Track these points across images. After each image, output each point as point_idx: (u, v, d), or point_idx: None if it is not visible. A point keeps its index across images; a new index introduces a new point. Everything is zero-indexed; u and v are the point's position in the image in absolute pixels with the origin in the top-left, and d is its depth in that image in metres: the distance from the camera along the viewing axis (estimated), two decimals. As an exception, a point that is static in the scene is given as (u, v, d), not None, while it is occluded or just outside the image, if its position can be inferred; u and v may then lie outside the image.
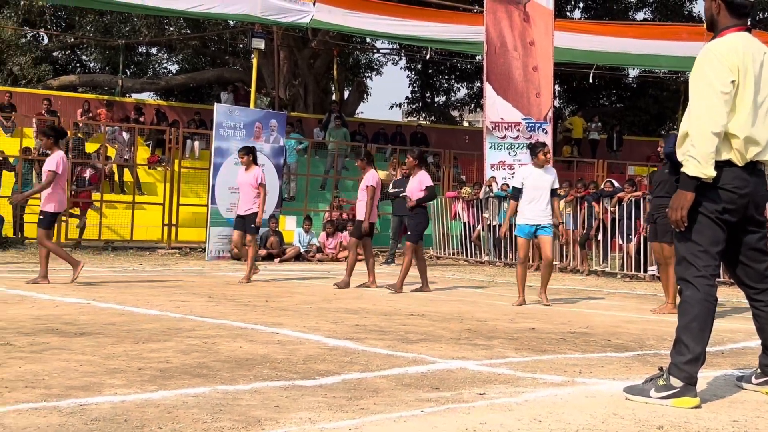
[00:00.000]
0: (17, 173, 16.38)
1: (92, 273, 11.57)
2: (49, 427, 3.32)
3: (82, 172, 17.42)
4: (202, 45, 30.44)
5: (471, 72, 33.55)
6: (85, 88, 27.99)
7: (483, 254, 17.16)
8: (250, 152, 11.44)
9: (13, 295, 8.30)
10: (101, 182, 17.72)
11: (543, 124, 17.94)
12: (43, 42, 30.31)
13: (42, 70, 27.04)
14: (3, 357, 4.86)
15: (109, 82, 28.12)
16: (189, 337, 5.85)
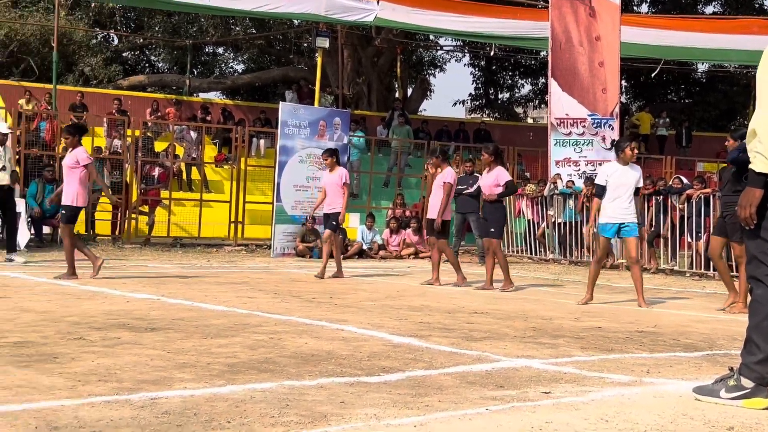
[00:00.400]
0: (89, 172, 16.76)
1: (161, 269, 11.81)
2: (122, 420, 3.40)
3: (151, 170, 17.77)
4: (267, 44, 30.78)
5: (535, 68, 33.27)
6: (153, 87, 28.55)
7: (547, 252, 17.01)
8: (334, 154, 11.71)
9: (85, 291, 8.52)
10: (170, 180, 18.05)
11: (609, 120, 17.71)
12: (113, 43, 31.00)
13: (112, 71, 27.67)
14: (76, 351, 4.99)
15: (177, 81, 28.63)
16: (256, 333, 5.93)
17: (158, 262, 13.27)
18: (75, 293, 8.28)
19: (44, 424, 3.28)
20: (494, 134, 26.12)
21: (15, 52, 26.50)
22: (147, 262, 13.16)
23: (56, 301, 7.50)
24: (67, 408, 3.56)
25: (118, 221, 17.27)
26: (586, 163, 17.70)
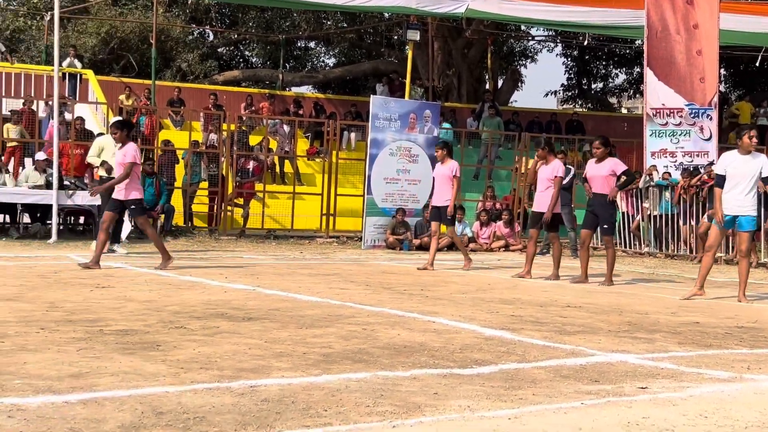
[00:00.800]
0: (186, 165, 17.23)
1: (256, 260, 12.06)
2: (223, 407, 3.51)
3: (246, 163, 18.13)
4: (358, 38, 31.00)
5: (630, 57, 32.58)
6: (247, 82, 29.12)
7: (642, 245, 16.68)
8: (446, 146, 11.85)
9: (184, 281, 8.78)
10: (264, 173, 18.38)
11: (707, 110, 17.22)
12: (208, 39, 31.71)
13: (208, 66, 28.34)
14: (178, 339, 5.16)
15: (270, 76, 29.12)
16: (349, 324, 6.02)
17: (253, 253, 13.55)
18: (175, 283, 8.54)
19: (150, 410, 3.42)
20: (587, 125, 25.71)
21: (115, 49, 27.40)
22: (242, 253, 13.45)
23: (157, 291, 7.75)
24: (171, 394, 3.70)
25: (215, 213, 17.68)
26: (683, 154, 17.26)
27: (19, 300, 6.81)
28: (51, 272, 9.26)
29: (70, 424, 3.14)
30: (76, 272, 9.37)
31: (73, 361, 4.35)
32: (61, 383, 3.82)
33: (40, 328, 5.41)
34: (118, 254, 11.92)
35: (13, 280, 8.26)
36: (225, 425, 3.22)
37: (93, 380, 3.92)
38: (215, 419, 3.30)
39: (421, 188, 16.59)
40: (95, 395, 3.62)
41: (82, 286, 7.94)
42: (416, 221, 16.37)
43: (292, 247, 15.30)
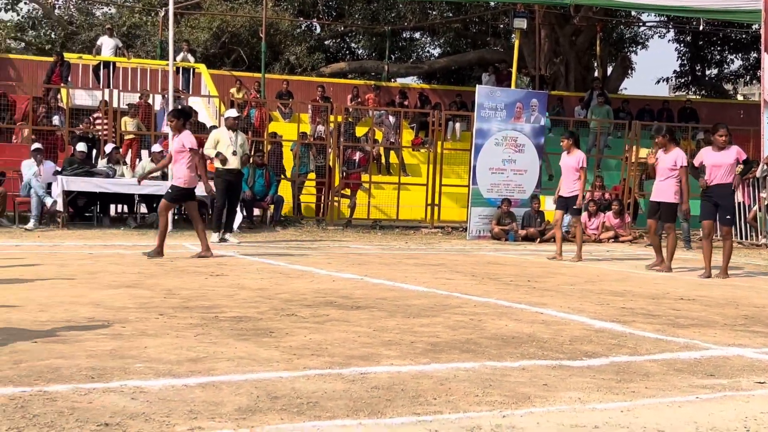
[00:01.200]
0: (295, 155, 17.54)
1: (362, 250, 12.20)
2: (335, 393, 3.59)
3: (352, 154, 18.32)
4: (463, 27, 30.86)
5: (746, 42, 31.34)
6: (354, 74, 29.37)
7: (759, 236, 16.07)
8: (572, 136, 11.82)
9: (293, 270, 8.97)
10: (369, 164, 18.55)
11: (830, 96, 16.43)
12: (316, 31, 32.13)
13: (315, 59, 28.70)
14: (290, 326, 5.29)
15: (376, 67, 29.29)
16: (456, 314, 6.04)
17: (359, 243, 13.71)
18: (285, 272, 8.73)
19: (264, 394, 3.52)
20: (701, 113, 24.91)
21: (226, 44, 28.06)
22: (349, 243, 13.63)
23: (268, 280, 7.94)
24: (285, 380, 3.80)
25: (322, 203, 17.95)
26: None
27: (139, 287, 7.10)
28: (167, 260, 9.60)
29: (189, 407, 3.27)
30: (191, 260, 9.68)
31: (191, 346, 4.51)
32: (180, 367, 3.98)
33: (159, 314, 5.62)
34: (230, 243, 12.24)
35: (132, 268, 8.60)
36: (337, 410, 3.29)
37: (210, 365, 4.06)
38: (328, 404, 3.38)
39: (527, 178, 16.42)
40: (213, 379, 3.75)
41: (198, 274, 8.21)
42: (523, 212, 16.22)
43: (397, 238, 15.40)
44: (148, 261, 9.40)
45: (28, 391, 3.40)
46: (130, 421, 3.04)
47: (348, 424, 3.10)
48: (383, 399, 3.51)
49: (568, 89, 26.80)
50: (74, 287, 6.90)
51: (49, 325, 5.03)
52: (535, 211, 16.17)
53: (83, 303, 6.02)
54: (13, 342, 4.43)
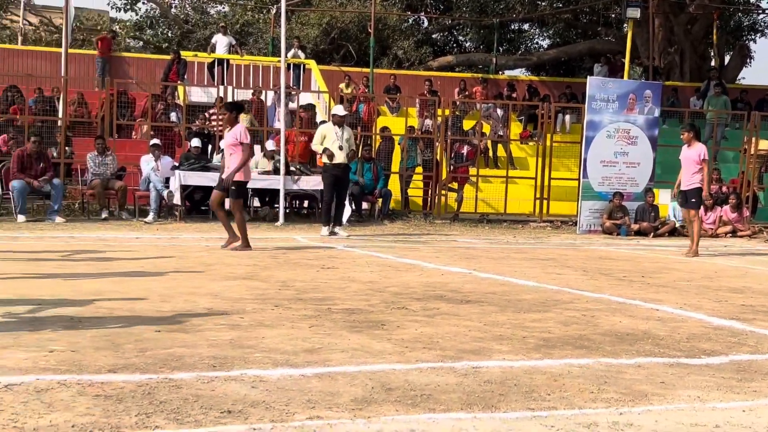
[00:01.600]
0: (403, 149, 17.63)
1: (470, 244, 12.18)
2: (448, 386, 3.62)
3: (460, 148, 18.28)
4: (573, 18, 30.34)
5: None
6: (461, 67, 29.27)
7: None
8: (693, 128, 11.57)
9: (402, 263, 9.03)
10: (477, 157, 18.48)
11: None
12: (423, 25, 32.18)
13: (423, 53, 28.74)
14: (401, 319, 5.34)
15: (484, 60, 29.13)
16: (567, 309, 5.97)
17: (467, 237, 13.69)
18: (394, 265, 8.80)
19: (379, 385, 3.58)
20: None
21: (336, 39, 28.43)
22: (456, 237, 13.62)
23: (378, 273, 8.03)
24: (398, 372, 3.85)
25: (429, 197, 17.99)
26: None
27: (254, 279, 7.29)
28: (280, 253, 9.82)
29: (307, 396, 3.35)
30: (302, 253, 9.87)
31: (306, 337, 4.62)
32: (296, 357, 4.08)
33: (275, 305, 5.77)
34: (340, 236, 12.41)
35: (247, 260, 8.83)
36: (451, 404, 3.32)
37: (325, 355, 4.15)
38: (441, 397, 3.41)
39: (641, 171, 16.04)
40: (328, 370, 3.84)
41: (309, 267, 8.37)
42: (636, 205, 15.85)
43: (505, 231, 15.30)
44: (261, 254, 9.64)
45: (154, 378, 3.55)
46: (251, 408, 3.14)
47: (462, 417, 3.12)
48: (496, 393, 3.51)
49: (683, 79, 26.02)
50: (193, 279, 7.15)
51: (170, 315, 5.23)
52: (650, 204, 15.78)
53: (202, 294, 6.23)
54: (139, 331, 4.63)
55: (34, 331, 4.51)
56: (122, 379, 3.52)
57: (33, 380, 3.42)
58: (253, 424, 2.94)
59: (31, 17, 30.25)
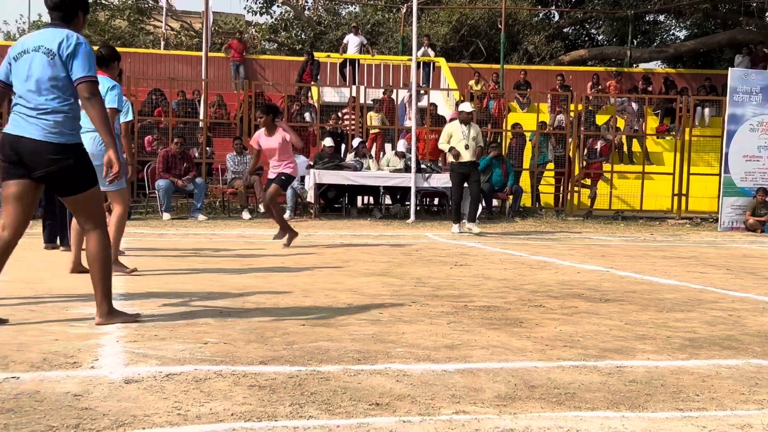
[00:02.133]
0: (534, 145, 17.46)
1: (605, 242, 11.96)
2: (592, 384, 3.59)
3: (593, 143, 17.96)
4: (712, 7, 29.24)
5: None
6: (594, 61, 28.70)
7: None
8: None
9: (536, 261, 8.97)
10: (611, 153, 18.10)
11: None
12: (554, 19, 31.72)
13: (554, 47, 28.35)
14: (539, 317, 5.33)
15: (617, 53, 28.46)
16: (712, 309, 5.81)
17: (601, 234, 13.44)
18: (528, 263, 8.76)
19: (521, 383, 3.60)
20: None
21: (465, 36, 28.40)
22: (590, 234, 13.40)
23: (512, 270, 8.01)
24: (540, 369, 3.85)
25: (561, 194, 17.76)
26: None
27: (389, 275, 7.41)
28: (413, 250, 9.93)
29: (451, 391, 3.41)
30: (435, 250, 9.95)
31: (445, 333, 4.67)
32: (437, 353, 4.14)
33: (412, 301, 5.86)
34: (472, 233, 12.42)
35: (381, 257, 8.98)
36: (597, 402, 3.30)
37: (466, 352, 4.19)
38: (586, 396, 3.40)
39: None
40: (470, 366, 3.88)
41: (443, 264, 8.43)
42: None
43: (641, 229, 14.94)
44: (394, 251, 9.77)
45: (303, 370, 3.69)
46: (398, 402, 3.22)
47: (611, 416, 3.10)
48: (642, 393, 3.47)
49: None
50: (331, 275, 7.33)
51: (313, 309, 5.40)
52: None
53: (341, 290, 6.39)
54: (285, 325, 4.80)
55: (188, 324, 4.75)
56: (273, 370, 3.67)
57: (191, 370, 3.61)
58: (401, 416, 3.01)
59: (172, 22, 31.57)
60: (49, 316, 4.89)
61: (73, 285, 6.19)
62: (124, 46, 28.20)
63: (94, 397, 3.17)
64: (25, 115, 4.48)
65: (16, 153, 4.47)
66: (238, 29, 30.91)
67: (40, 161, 4.44)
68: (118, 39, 30.36)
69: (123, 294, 5.82)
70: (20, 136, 4.46)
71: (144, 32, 32.07)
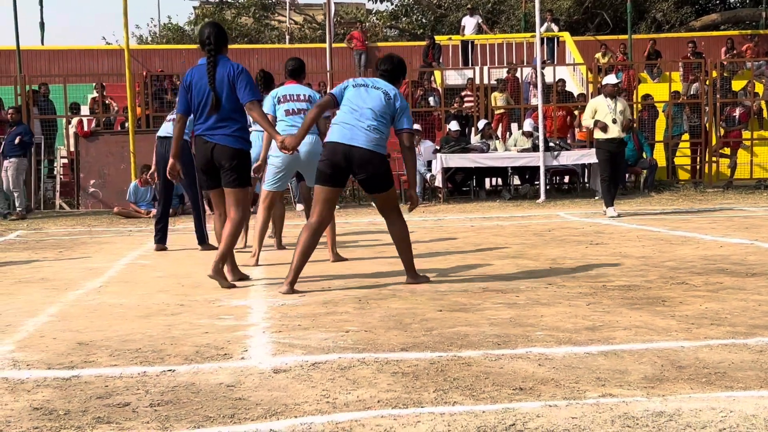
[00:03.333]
0: (667, 116, 16.91)
1: (748, 213, 11.47)
2: (743, 363, 3.47)
3: (731, 111, 17.23)
4: None
5: None
6: (727, 25, 27.48)
7: None
8: None
9: (676, 236, 8.70)
10: (751, 120, 17.32)
11: None
12: (682, -16, 30.51)
13: (684, 13, 27.30)
14: (682, 295, 5.18)
15: (752, 15, 27.15)
16: None
17: (744, 204, 12.89)
18: (667, 239, 8.51)
19: (668, 363, 3.51)
20: None
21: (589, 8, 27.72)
22: (732, 205, 12.88)
23: (651, 247, 7.80)
24: (687, 349, 3.75)
25: (698, 165, 17.13)
26: None
27: (523, 257, 7.36)
28: (545, 230, 9.81)
29: (596, 374, 3.36)
30: (569, 230, 9.80)
31: (585, 315, 4.61)
32: (579, 335, 4.09)
33: (548, 283, 5.80)
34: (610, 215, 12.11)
35: (513, 239, 8.92)
36: (749, 381, 3.19)
37: (608, 333, 4.13)
38: (737, 375, 3.29)
39: None
40: (613, 348, 3.81)
41: (577, 243, 8.30)
42: None
43: (787, 197, 14.25)
44: (526, 231, 9.68)
45: (444, 356, 3.72)
46: (541, 386, 3.21)
47: (765, 395, 2.99)
48: (798, 371, 3.33)
49: None
50: (464, 259, 7.34)
51: (449, 294, 5.43)
52: None
53: (475, 273, 6.39)
54: (422, 311, 4.85)
55: (328, 312, 4.87)
56: (414, 356, 3.72)
57: (336, 358, 3.71)
58: (547, 401, 3.00)
59: (295, 16, 32.17)
60: (198, 311, 5.11)
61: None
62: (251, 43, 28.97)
63: (246, 387, 3.30)
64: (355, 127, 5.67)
65: (347, 159, 5.66)
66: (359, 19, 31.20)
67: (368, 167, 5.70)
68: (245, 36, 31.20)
69: (265, 285, 6.01)
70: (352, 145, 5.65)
71: (269, 28, 32.81)
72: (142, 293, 5.83)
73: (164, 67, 21.99)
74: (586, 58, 20.86)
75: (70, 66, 22.85)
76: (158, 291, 5.92)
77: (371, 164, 5.67)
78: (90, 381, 3.46)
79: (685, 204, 13.36)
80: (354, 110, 5.70)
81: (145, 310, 5.12)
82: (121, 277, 6.78)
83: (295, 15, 32.26)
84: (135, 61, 18.93)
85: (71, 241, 10.17)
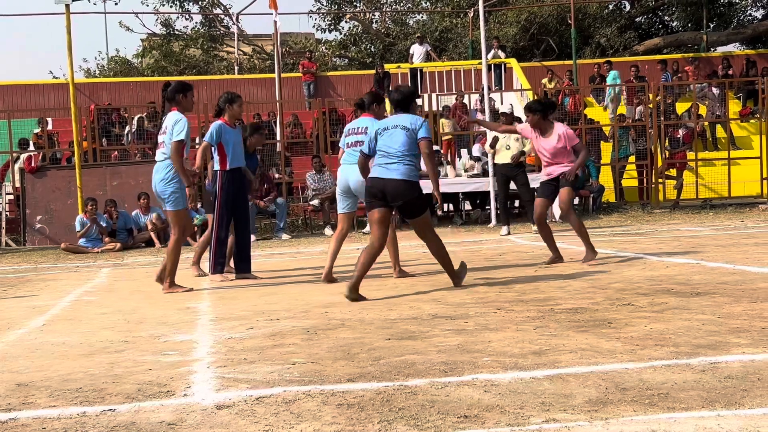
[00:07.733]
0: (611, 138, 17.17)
1: (694, 232, 11.66)
2: (686, 383, 3.50)
3: (675, 132, 17.56)
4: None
5: None
6: (669, 48, 28.08)
7: None
8: None
9: (623, 257, 8.79)
10: (695, 141, 17.66)
11: None
12: (625, 10, 31.15)
13: (627, 38, 27.84)
14: (628, 317, 5.22)
15: (693, 39, 27.81)
16: (810, 297, 5.60)
17: (690, 225, 13.11)
18: (614, 260, 8.59)
19: (613, 386, 3.53)
20: None
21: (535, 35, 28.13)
22: (678, 225, 13.08)
23: (598, 268, 7.87)
24: (631, 371, 3.77)
25: (645, 187, 17.40)
26: None
27: (474, 283, 7.36)
28: (496, 255, 9.86)
29: (541, 399, 3.36)
30: (519, 254, 9.86)
31: (532, 339, 4.62)
32: (525, 360, 4.10)
33: (497, 308, 5.81)
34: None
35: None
36: (691, 402, 3.22)
37: (554, 357, 4.14)
38: (680, 395, 3.31)
39: None
40: (559, 371, 3.82)
41: (527, 267, 8.35)
42: None
43: (731, 216, 14.52)
44: (476, 257, 9.71)
45: (390, 385, 3.69)
46: (486, 413, 3.20)
47: (705, 416, 3.02)
48: (738, 389, 3.37)
49: None
50: (414, 286, 7.34)
51: (398, 322, 5.41)
52: None
53: (425, 300, 6.39)
54: (370, 340, 4.82)
55: (275, 345, 4.82)
56: (361, 387, 3.69)
57: (281, 392, 3.66)
58: (490, 428, 2.99)
59: (244, 47, 32.14)
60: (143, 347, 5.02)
61: (165, 314, 6.35)
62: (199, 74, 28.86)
63: (187, 425, 3.24)
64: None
65: (382, 192, 6.73)
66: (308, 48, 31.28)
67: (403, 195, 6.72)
68: (193, 68, 31.07)
69: (212, 318, 5.94)
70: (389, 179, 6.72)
71: (218, 59, 32.73)
72: (85, 331, 5.72)
73: (112, 100, 21.78)
74: (533, 84, 21.14)
75: (16, 101, 22.55)
76: (102, 328, 5.81)
77: (404, 192, 6.69)
78: (27, 424, 3.37)
79: (633, 225, 13.54)
80: (384, 154, 6.79)
81: (88, 348, 5.02)
82: (65, 315, 6.65)
83: (244, 46, 32.24)
84: (82, 95, 18.74)
85: (17, 279, 9.97)
